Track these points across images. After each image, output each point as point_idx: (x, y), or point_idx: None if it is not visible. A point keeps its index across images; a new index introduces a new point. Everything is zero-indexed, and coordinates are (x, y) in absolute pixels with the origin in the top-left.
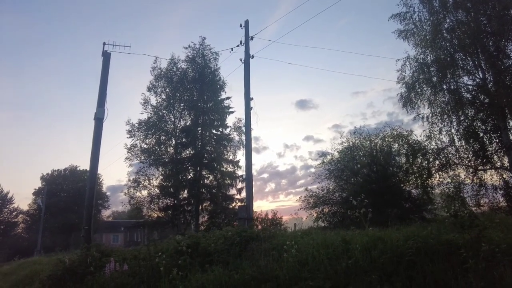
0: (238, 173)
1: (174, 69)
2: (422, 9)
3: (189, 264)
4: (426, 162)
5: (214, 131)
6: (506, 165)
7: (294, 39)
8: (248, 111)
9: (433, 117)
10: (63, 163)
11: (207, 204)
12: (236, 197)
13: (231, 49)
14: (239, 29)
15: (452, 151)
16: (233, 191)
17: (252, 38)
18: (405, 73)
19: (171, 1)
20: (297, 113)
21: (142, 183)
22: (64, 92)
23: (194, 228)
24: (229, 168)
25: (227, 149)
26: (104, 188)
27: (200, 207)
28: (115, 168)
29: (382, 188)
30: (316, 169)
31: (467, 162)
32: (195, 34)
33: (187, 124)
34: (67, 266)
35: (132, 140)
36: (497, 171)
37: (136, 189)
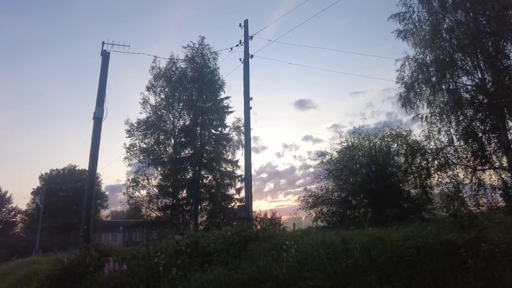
0: (237, 173)
1: (173, 69)
2: (422, 9)
3: (188, 264)
4: (425, 162)
5: (213, 131)
6: (505, 165)
7: (293, 39)
8: (247, 111)
9: (432, 117)
10: (62, 163)
11: (206, 204)
12: (235, 197)
13: (231, 48)
14: (239, 28)
15: (451, 151)
16: (232, 191)
17: (251, 37)
18: (404, 73)
19: (171, 0)
20: (296, 113)
21: (141, 182)
22: (63, 91)
23: (193, 228)
24: (228, 168)
25: (226, 148)
26: (103, 188)
27: (199, 206)
28: (114, 167)
29: (381, 188)
30: (315, 169)
31: (466, 162)
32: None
33: (186, 123)
34: (66, 265)
35: (131, 139)
36: (496, 171)
37: (135, 188)
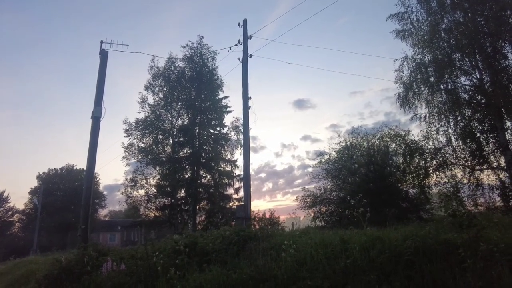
0: (236, 172)
1: (171, 68)
2: (420, 9)
3: (187, 264)
4: (423, 162)
5: (211, 131)
6: (503, 165)
7: (292, 38)
8: (246, 110)
9: (430, 117)
10: (60, 162)
11: (204, 203)
12: (234, 196)
13: (229, 48)
14: (237, 28)
15: (449, 151)
16: (230, 191)
17: (250, 37)
18: (403, 73)
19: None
20: (295, 112)
21: (139, 182)
22: (61, 91)
23: (191, 227)
24: (227, 167)
25: (225, 148)
26: (101, 187)
27: (198, 206)
28: (112, 167)
29: (379, 188)
30: (314, 169)
31: (464, 162)
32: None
33: (185, 123)
34: (64, 265)
35: (129, 139)
36: (494, 171)
37: (133, 188)
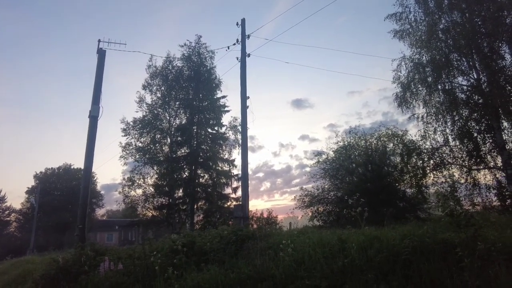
0: (234, 172)
1: (169, 67)
2: (418, 9)
3: (185, 263)
4: (420, 161)
5: (209, 130)
6: (499, 165)
7: (291, 38)
8: (244, 110)
9: (428, 117)
10: (57, 162)
11: (202, 203)
12: (232, 196)
13: (227, 47)
14: (236, 27)
15: (447, 151)
16: (228, 190)
17: (248, 36)
18: (401, 73)
19: None
20: (293, 112)
21: (137, 181)
22: (58, 90)
23: (189, 227)
24: (225, 167)
25: (223, 148)
26: (98, 187)
27: (195, 206)
28: (109, 166)
29: (377, 188)
30: (312, 168)
31: (461, 162)
32: (191, 32)
33: (183, 122)
34: (61, 265)
35: (127, 138)
36: (491, 171)
37: (131, 187)
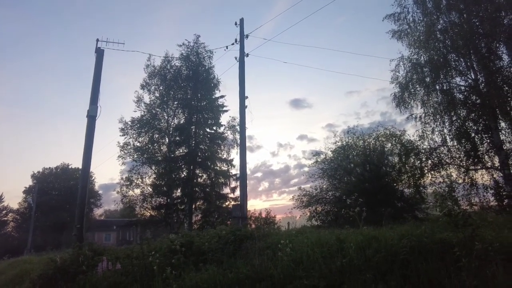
0: (232, 172)
1: (168, 67)
2: (416, 10)
3: (183, 263)
4: (418, 161)
5: (208, 130)
6: (497, 165)
7: (289, 37)
8: (242, 110)
9: (426, 117)
10: (55, 161)
11: (200, 203)
12: (230, 196)
13: (226, 47)
14: (234, 27)
15: (444, 151)
16: (226, 190)
17: (247, 36)
18: (399, 73)
19: None
20: (291, 112)
21: (135, 181)
22: (56, 89)
23: (187, 227)
24: (223, 167)
25: (221, 147)
26: (96, 187)
27: (194, 206)
28: (107, 166)
29: (375, 187)
30: (310, 168)
31: (459, 162)
32: (190, 31)
33: (181, 122)
34: (59, 265)
35: (125, 138)
36: (488, 171)
37: (129, 187)
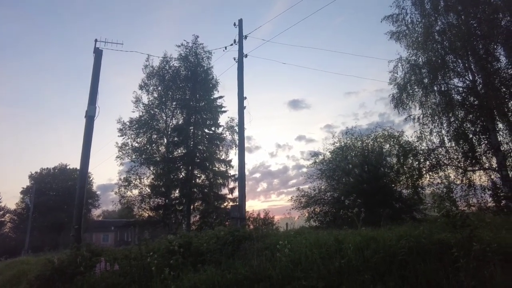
0: (230, 172)
1: (166, 68)
2: (414, 11)
3: (181, 264)
4: (416, 162)
5: (206, 130)
6: (494, 166)
7: (288, 38)
8: (241, 110)
9: (424, 118)
10: (53, 162)
11: (198, 203)
12: (228, 196)
13: (225, 47)
14: (233, 27)
15: (442, 152)
16: (225, 191)
17: (246, 37)
18: (397, 74)
19: None
20: (290, 112)
21: (133, 182)
22: (54, 89)
23: (185, 227)
24: (221, 167)
25: (220, 148)
26: (94, 187)
27: (192, 206)
28: (105, 166)
29: (373, 188)
30: (308, 169)
31: (456, 163)
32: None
33: (179, 123)
34: (56, 266)
35: (123, 138)
36: (486, 172)
37: (127, 188)
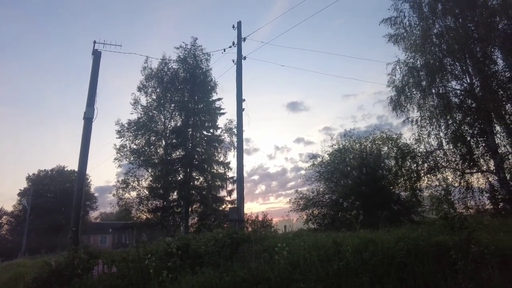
0: (229, 174)
1: (165, 69)
2: (412, 14)
3: (179, 266)
4: (415, 165)
5: (205, 132)
6: (492, 168)
7: (287, 40)
8: (239, 112)
9: (422, 120)
10: (51, 163)
11: (197, 205)
12: (227, 198)
13: (223, 50)
14: (231, 29)
15: (440, 155)
16: (223, 193)
17: (244, 39)
18: (395, 76)
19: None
20: (288, 115)
21: (131, 184)
22: (52, 90)
23: (183, 230)
24: (220, 169)
25: (218, 150)
26: (92, 189)
27: (190, 208)
28: (103, 168)
29: (372, 191)
30: (307, 171)
31: (454, 165)
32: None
33: (178, 125)
34: (53, 268)
35: (122, 140)
36: (483, 175)
37: (125, 190)
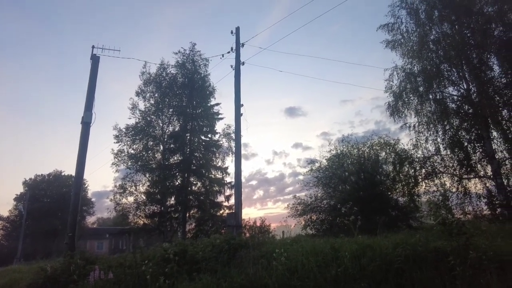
0: (227, 180)
1: (163, 74)
2: (409, 20)
3: (176, 272)
4: (412, 170)
5: (203, 137)
6: (489, 173)
7: (285, 46)
8: (238, 118)
9: (419, 126)
10: (47, 168)
11: (194, 211)
12: (224, 204)
13: (222, 55)
14: (230, 35)
15: (438, 160)
16: (221, 198)
17: (243, 45)
18: (393, 82)
19: (162, 4)
20: (286, 120)
21: (129, 189)
22: (50, 94)
23: (181, 235)
24: (218, 174)
25: (216, 155)
26: (89, 194)
27: (188, 214)
28: (101, 173)
29: (370, 196)
30: (305, 177)
31: (452, 171)
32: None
33: (176, 130)
34: (49, 274)
35: (119, 145)
36: (481, 180)
37: (122, 195)
